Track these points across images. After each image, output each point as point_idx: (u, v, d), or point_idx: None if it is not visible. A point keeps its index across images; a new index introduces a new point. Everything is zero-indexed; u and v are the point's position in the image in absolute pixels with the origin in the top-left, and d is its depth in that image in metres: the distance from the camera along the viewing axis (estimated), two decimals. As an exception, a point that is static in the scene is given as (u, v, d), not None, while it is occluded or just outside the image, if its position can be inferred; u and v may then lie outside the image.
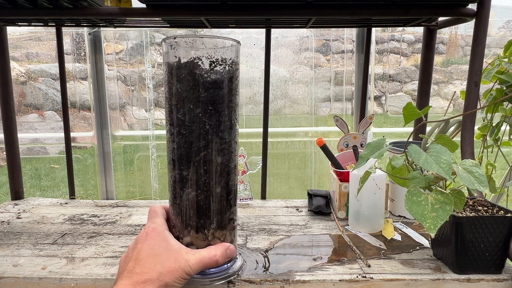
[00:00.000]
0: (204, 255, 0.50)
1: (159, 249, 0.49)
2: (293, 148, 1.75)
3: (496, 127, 0.77)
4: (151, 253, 0.49)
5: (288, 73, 1.79)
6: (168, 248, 0.50)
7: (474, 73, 0.71)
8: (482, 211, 0.57)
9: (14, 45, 2.32)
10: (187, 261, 0.48)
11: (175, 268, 0.48)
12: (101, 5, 0.72)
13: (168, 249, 0.49)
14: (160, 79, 1.88)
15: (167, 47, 0.50)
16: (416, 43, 2.80)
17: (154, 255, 0.49)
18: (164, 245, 0.50)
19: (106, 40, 1.66)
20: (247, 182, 0.90)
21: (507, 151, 0.81)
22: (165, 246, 0.50)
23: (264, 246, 0.68)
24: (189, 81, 0.49)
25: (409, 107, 0.56)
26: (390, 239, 0.70)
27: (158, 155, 1.72)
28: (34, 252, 0.66)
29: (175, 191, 0.53)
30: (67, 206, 0.91)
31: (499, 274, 0.56)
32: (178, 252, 0.49)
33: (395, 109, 2.30)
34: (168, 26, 0.92)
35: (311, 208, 0.83)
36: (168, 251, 0.49)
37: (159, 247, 0.50)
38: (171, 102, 0.51)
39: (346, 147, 0.88)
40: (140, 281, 0.46)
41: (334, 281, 0.56)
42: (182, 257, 0.49)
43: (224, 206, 0.54)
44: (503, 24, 2.34)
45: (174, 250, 0.49)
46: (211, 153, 0.51)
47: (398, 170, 0.61)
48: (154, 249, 0.49)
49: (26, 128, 2.28)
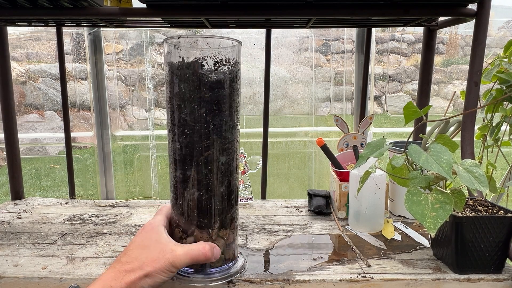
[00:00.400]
0: (192, 247, 0.50)
1: (149, 241, 0.50)
2: (293, 148, 1.75)
3: (496, 127, 0.77)
4: (140, 245, 0.50)
5: (288, 73, 1.79)
6: (158, 241, 0.50)
7: (474, 73, 0.71)
8: (482, 211, 0.57)
9: (14, 45, 2.32)
10: (173, 251, 0.49)
11: (158, 257, 0.48)
12: (101, 5, 0.72)
13: (158, 241, 0.50)
14: (160, 79, 1.88)
15: (170, 47, 0.50)
16: (416, 43, 2.80)
17: (142, 246, 0.49)
18: (154, 237, 0.50)
19: (106, 40, 1.66)
20: (247, 182, 0.90)
21: (507, 151, 0.81)
22: (156, 239, 0.50)
23: (264, 246, 0.68)
24: (193, 81, 0.49)
25: (409, 107, 0.56)
26: (390, 239, 0.70)
27: (158, 155, 1.72)
28: (34, 252, 0.66)
29: (177, 191, 0.53)
30: (67, 206, 0.91)
31: (499, 274, 0.56)
32: (166, 244, 0.50)
33: (395, 109, 2.30)
34: (168, 26, 0.92)
35: (311, 208, 0.83)
36: (157, 243, 0.50)
37: (149, 239, 0.50)
38: (173, 102, 0.51)
39: (346, 147, 0.88)
40: (123, 270, 0.46)
41: (334, 281, 0.56)
42: (169, 247, 0.49)
43: (227, 205, 0.54)
44: (503, 24, 2.34)
45: (163, 243, 0.50)
46: (215, 152, 0.51)
47: (398, 170, 0.61)
48: (144, 241, 0.50)
49: (26, 128, 2.28)
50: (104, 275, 0.46)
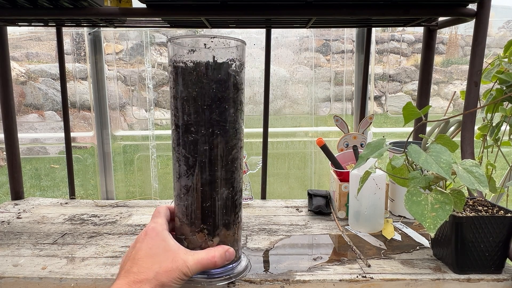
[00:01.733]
0: (202, 256, 0.50)
1: (157, 249, 0.49)
2: (293, 148, 1.75)
3: (496, 127, 0.77)
4: (149, 253, 0.49)
5: (288, 73, 1.79)
6: (167, 248, 0.49)
7: (474, 73, 0.71)
8: (482, 211, 0.57)
9: (14, 45, 2.32)
10: (185, 261, 0.48)
11: (172, 268, 0.47)
12: (101, 5, 0.72)
13: (167, 249, 0.49)
14: (160, 79, 1.88)
15: (175, 47, 0.50)
16: (416, 43, 2.80)
17: (152, 255, 0.48)
18: (162, 245, 0.50)
19: (106, 40, 1.66)
20: (247, 182, 0.90)
21: (507, 151, 0.81)
22: (164, 246, 0.50)
23: (264, 246, 0.68)
24: (198, 81, 0.49)
25: (408, 107, 0.56)
26: (390, 239, 0.70)
27: (158, 155, 1.72)
28: (34, 252, 0.66)
29: (181, 191, 0.53)
30: (67, 206, 0.91)
31: (499, 274, 0.56)
32: (176, 252, 0.49)
33: (395, 109, 2.30)
34: (168, 26, 0.92)
35: (311, 208, 0.83)
36: (166, 251, 0.49)
37: (157, 247, 0.49)
38: (177, 102, 0.51)
39: (346, 147, 0.88)
40: (137, 281, 0.46)
41: (334, 281, 0.56)
42: (180, 257, 0.49)
43: (231, 206, 0.54)
44: (503, 24, 2.34)
45: (172, 250, 0.49)
46: (220, 152, 0.51)
47: (398, 170, 0.61)
48: (152, 249, 0.49)
49: (26, 128, 2.28)
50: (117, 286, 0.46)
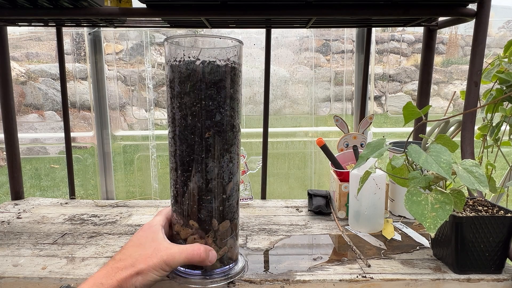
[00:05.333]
0: (187, 247, 0.50)
1: (144, 240, 0.50)
2: (293, 148, 1.75)
3: (496, 127, 0.77)
4: (136, 243, 0.50)
5: (288, 73, 1.78)
6: (154, 239, 0.50)
7: (474, 73, 0.71)
8: (482, 211, 0.57)
9: (14, 45, 2.32)
10: (167, 249, 0.49)
11: (152, 255, 0.48)
12: (101, 5, 0.72)
13: (153, 240, 0.50)
14: (160, 79, 1.88)
15: (171, 46, 0.50)
16: (416, 43, 2.80)
17: (138, 244, 0.50)
18: (151, 236, 0.51)
19: (106, 40, 1.66)
20: (247, 182, 0.90)
21: (507, 151, 0.81)
22: (152, 237, 0.50)
23: (264, 246, 0.68)
24: (195, 81, 0.49)
25: (409, 107, 0.56)
26: (390, 239, 0.70)
27: (158, 155, 1.72)
28: (34, 252, 0.66)
29: (177, 190, 0.53)
30: (67, 206, 0.91)
31: (499, 274, 0.56)
32: (161, 243, 0.50)
33: (395, 109, 2.30)
34: (168, 26, 0.92)
35: (311, 208, 0.83)
36: (152, 242, 0.50)
37: (145, 238, 0.51)
38: (174, 102, 0.51)
39: (346, 147, 0.88)
40: (116, 267, 0.47)
41: (334, 281, 0.56)
42: (164, 245, 0.49)
43: (228, 205, 0.54)
44: (503, 24, 2.34)
45: (158, 241, 0.50)
46: (217, 151, 0.51)
47: (398, 170, 0.61)
48: (140, 239, 0.51)
49: (26, 128, 2.28)
50: (97, 273, 0.47)
